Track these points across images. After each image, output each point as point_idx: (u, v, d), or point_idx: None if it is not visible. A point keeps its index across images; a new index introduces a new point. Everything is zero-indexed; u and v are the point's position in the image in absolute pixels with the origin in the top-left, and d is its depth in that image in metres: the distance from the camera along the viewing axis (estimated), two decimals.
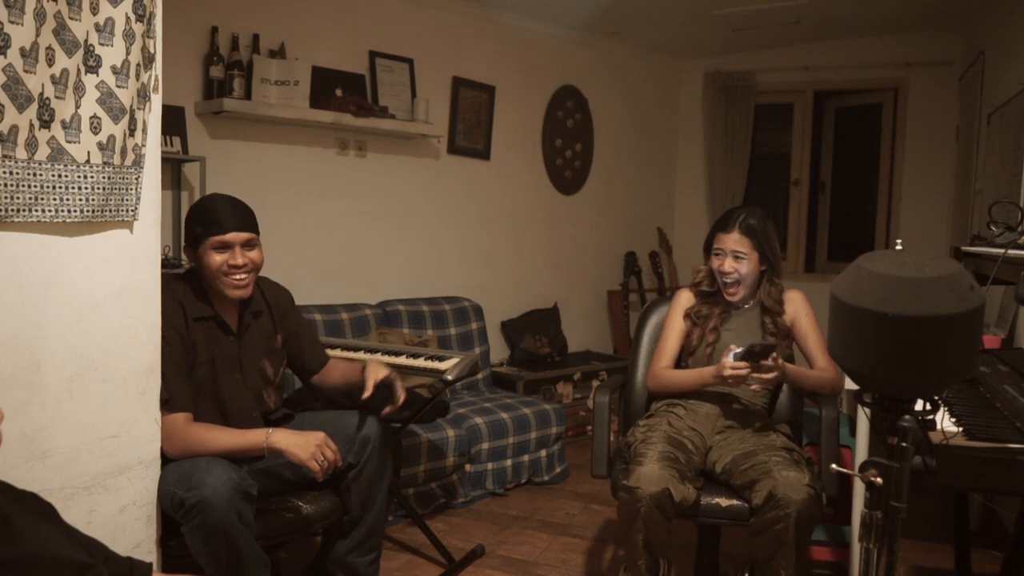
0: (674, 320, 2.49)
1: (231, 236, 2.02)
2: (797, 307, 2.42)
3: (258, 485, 2.03)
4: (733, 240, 2.35)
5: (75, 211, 1.68)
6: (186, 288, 2.08)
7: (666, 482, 2.00)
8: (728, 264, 2.35)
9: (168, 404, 1.95)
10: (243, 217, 2.07)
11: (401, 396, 2.17)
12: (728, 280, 2.37)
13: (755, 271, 2.37)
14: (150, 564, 1.42)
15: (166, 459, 1.95)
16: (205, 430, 1.98)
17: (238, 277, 2.05)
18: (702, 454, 2.26)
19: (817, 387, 2.32)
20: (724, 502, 2.13)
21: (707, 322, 2.42)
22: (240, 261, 2.03)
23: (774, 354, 2.17)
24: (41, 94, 1.58)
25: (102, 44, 1.68)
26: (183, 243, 2.11)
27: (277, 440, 1.95)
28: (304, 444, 1.95)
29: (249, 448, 1.96)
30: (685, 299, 2.51)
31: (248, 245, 2.06)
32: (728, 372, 2.16)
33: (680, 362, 2.49)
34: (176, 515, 1.84)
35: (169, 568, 1.94)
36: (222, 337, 2.11)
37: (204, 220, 2.04)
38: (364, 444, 2.13)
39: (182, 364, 2.00)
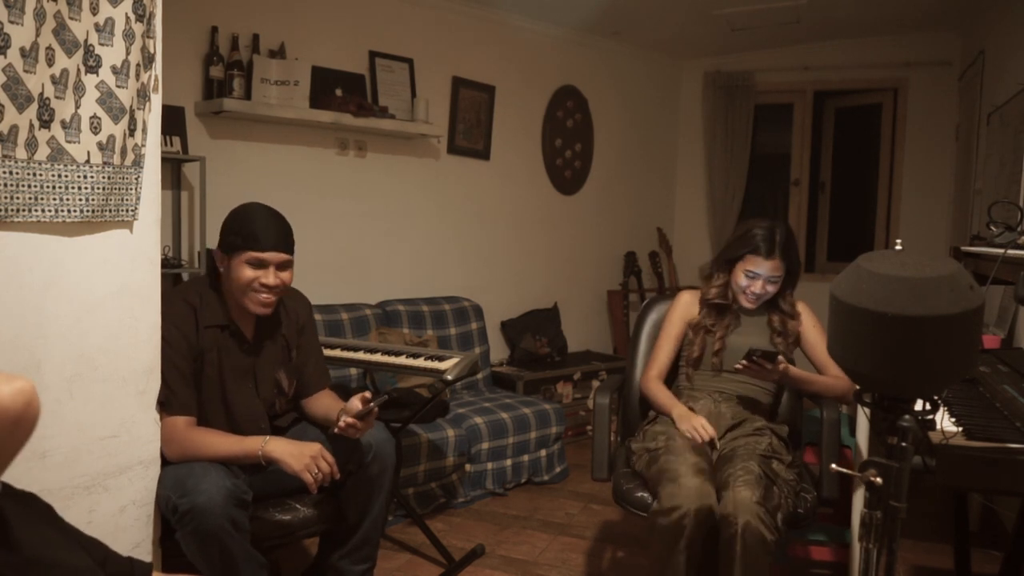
0: (673, 324, 2.46)
1: (269, 255, 1.98)
2: (803, 319, 2.41)
3: (259, 489, 2.03)
4: (773, 267, 2.30)
5: (75, 211, 1.68)
6: (203, 292, 2.05)
7: (708, 497, 1.97)
8: (760, 287, 2.32)
9: (167, 406, 1.94)
10: (283, 237, 2.02)
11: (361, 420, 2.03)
12: (754, 295, 2.34)
13: (777, 289, 2.37)
14: (150, 564, 1.42)
15: (166, 460, 1.95)
16: (203, 435, 1.97)
17: (265, 296, 2.01)
18: (712, 454, 2.24)
19: (823, 392, 2.31)
20: None
21: (714, 332, 2.39)
22: (272, 281, 1.99)
23: (780, 359, 2.17)
24: (41, 94, 1.58)
25: (102, 44, 1.68)
26: (217, 246, 2.05)
27: (272, 449, 1.93)
28: (299, 455, 1.92)
29: (245, 455, 1.95)
30: (685, 305, 2.46)
31: (283, 266, 2.02)
32: (686, 427, 2.19)
33: (680, 371, 2.47)
34: (171, 520, 1.85)
35: (169, 567, 1.94)
36: (235, 346, 2.08)
37: (244, 232, 1.98)
38: (365, 451, 2.11)
39: (185, 367, 1.99)
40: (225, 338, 2.07)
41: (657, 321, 2.59)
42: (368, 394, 2.03)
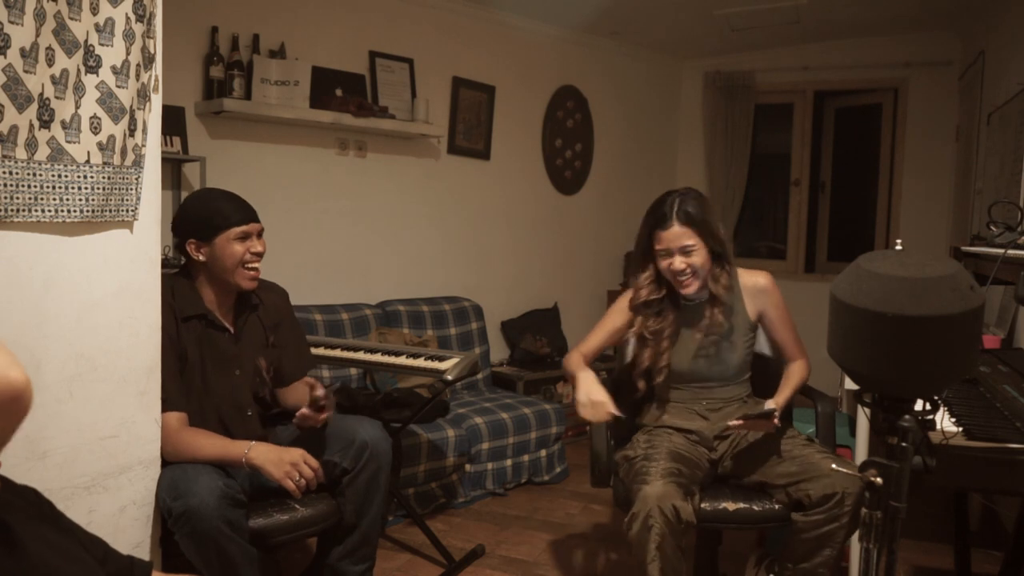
0: (614, 316, 2.31)
1: (252, 226, 2.08)
2: (766, 297, 2.24)
3: (258, 487, 2.03)
4: (675, 236, 2.10)
5: (75, 211, 1.68)
6: (174, 288, 2.07)
7: (671, 498, 1.90)
8: (679, 262, 2.11)
9: (162, 404, 1.95)
10: (252, 209, 2.12)
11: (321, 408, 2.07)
12: (683, 276, 2.13)
13: (709, 260, 2.15)
14: (150, 563, 1.42)
15: (164, 461, 1.95)
16: (193, 436, 1.98)
17: (255, 267, 2.10)
18: (705, 466, 2.17)
19: (800, 387, 2.27)
20: (731, 506, 2.08)
21: (660, 339, 2.21)
22: (260, 248, 2.10)
23: (775, 420, 2.09)
24: (41, 94, 1.58)
25: (102, 44, 1.68)
26: (186, 239, 2.06)
27: (255, 456, 1.94)
28: (279, 462, 1.93)
29: (230, 460, 1.96)
30: (626, 304, 2.29)
31: (261, 234, 2.13)
32: (583, 413, 2.06)
33: (635, 380, 2.30)
34: (168, 523, 1.85)
35: (170, 567, 1.94)
36: (215, 335, 2.10)
37: (218, 214, 2.04)
38: (361, 450, 2.10)
39: (172, 363, 2.00)
40: (203, 328, 2.08)
41: None
42: (317, 385, 2.07)
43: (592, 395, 2.08)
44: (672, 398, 2.28)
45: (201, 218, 2.06)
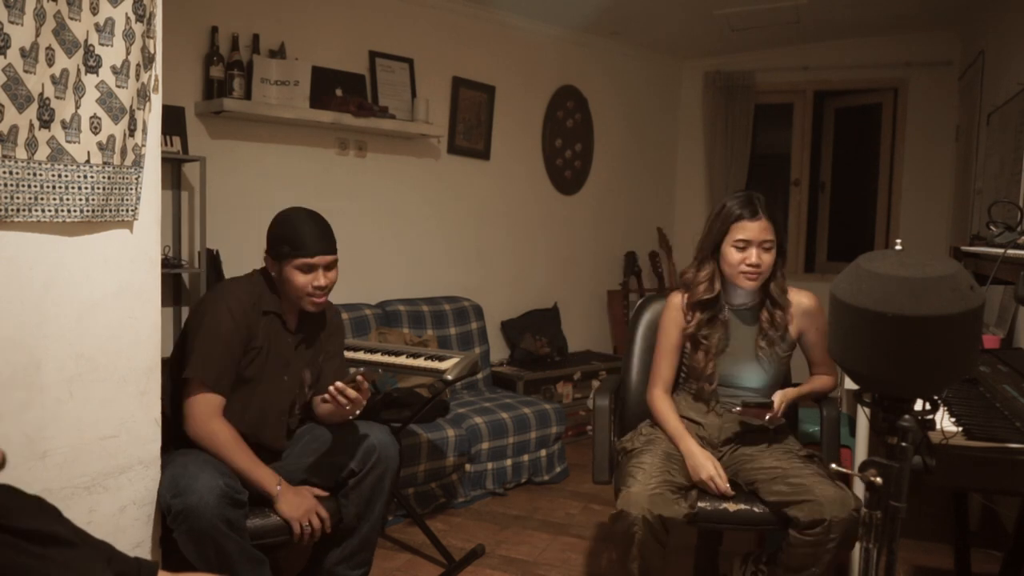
0: (668, 335, 2.29)
1: (317, 260, 2.08)
2: (809, 319, 2.25)
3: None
4: (761, 228, 2.11)
5: (75, 211, 1.68)
6: (261, 281, 2.14)
7: (656, 505, 1.93)
8: (755, 256, 2.11)
9: (204, 379, 1.98)
10: (328, 239, 2.12)
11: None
12: (752, 275, 2.14)
13: (773, 263, 2.17)
14: (156, 563, 1.42)
15: (165, 459, 1.95)
16: (226, 431, 2.00)
17: (320, 297, 2.13)
18: None
19: (814, 396, 2.30)
20: (732, 507, 2.09)
21: (710, 343, 2.21)
22: (323, 283, 2.10)
23: (770, 414, 2.14)
24: (41, 94, 1.58)
25: (102, 44, 1.68)
26: (267, 251, 2.14)
27: (282, 502, 2.01)
28: (296, 504, 2.02)
29: (255, 483, 1.99)
30: (677, 310, 2.28)
31: (329, 266, 2.12)
32: (703, 477, 2.10)
33: (681, 383, 2.35)
34: (167, 520, 1.86)
35: (169, 566, 1.94)
36: (284, 334, 2.15)
37: (292, 240, 2.07)
38: (368, 453, 2.12)
39: (236, 349, 2.04)
40: (276, 324, 2.13)
41: (651, 321, 2.48)
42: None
43: (702, 473, 2.11)
44: (695, 394, 2.29)
45: (278, 236, 2.10)
